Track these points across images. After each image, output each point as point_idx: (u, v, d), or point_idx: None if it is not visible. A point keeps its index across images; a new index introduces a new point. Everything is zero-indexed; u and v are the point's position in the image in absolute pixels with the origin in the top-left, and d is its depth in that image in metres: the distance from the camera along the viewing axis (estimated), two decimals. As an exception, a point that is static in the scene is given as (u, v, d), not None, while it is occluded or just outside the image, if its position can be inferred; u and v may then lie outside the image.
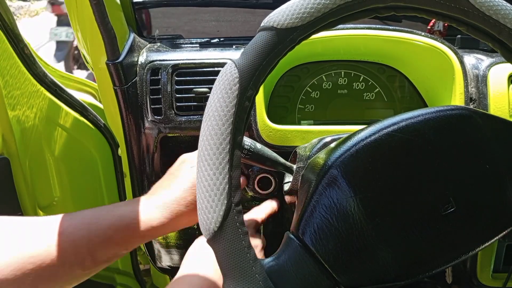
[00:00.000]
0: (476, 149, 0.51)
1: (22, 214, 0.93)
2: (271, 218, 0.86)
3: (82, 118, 1.04)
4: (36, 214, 0.97)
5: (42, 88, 0.95)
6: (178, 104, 0.85)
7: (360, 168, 0.49)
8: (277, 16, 0.45)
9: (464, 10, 0.47)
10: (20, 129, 0.89)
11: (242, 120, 0.45)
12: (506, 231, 0.51)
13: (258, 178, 0.82)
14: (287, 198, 0.73)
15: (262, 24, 0.46)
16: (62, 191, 1.01)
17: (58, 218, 0.59)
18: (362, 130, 0.52)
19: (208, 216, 0.42)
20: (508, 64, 0.82)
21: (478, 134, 0.52)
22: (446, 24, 1.05)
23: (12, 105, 0.87)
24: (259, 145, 0.68)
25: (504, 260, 0.83)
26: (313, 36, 0.49)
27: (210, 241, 0.42)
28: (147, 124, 0.86)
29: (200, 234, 0.52)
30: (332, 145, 0.57)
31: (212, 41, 1.08)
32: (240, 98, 0.44)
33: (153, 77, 0.85)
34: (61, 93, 0.99)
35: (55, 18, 4.36)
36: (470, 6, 0.46)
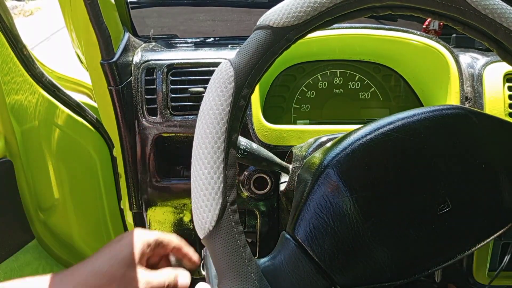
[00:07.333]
0: (471, 148, 0.51)
1: (24, 217, 0.92)
2: (267, 218, 0.86)
3: (80, 119, 1.03)
4: (37, 216, 0.96)
5: (41, 89, 0.94)
6: (173, 104, 0.84)
7: (356, 168, 0.49)
8: (273, 15, 0.45)
9: (460, 9, 0.47)
10: (21, 131, 0.89)
11: (237, 119, 0.44)
12: (502, 230, 0.51)
13: (254, 178, 0.82)
14: (283, 198, 0.73)
15: (258, 23, 0.46)
16: (62, 193, 1.00)
17: None
18: (358, 129, 0.52)
19: (203, 216, 0.41)
20: (504, 63, 0.82)
21: (474, 133, 0.52)
22: (441, 23, 1.05)
23: (13, 107, 0.86)
24: (255, 145, 0.68)
25: (500, 258, 0.83)
26: (309, 36, 0.49)
27: (205, 241, 0.42)
28: (142, 124, 0.85)
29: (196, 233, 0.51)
30: (328, 144, 0.57)
31: (207, 40, 1.07)
32: (235, 97, 0.43)
33: (148, 77, 0.85)
34: (60, 94, 0.98)
35: (49, 19, 4.34)
36: (466, 5, 0.46)
